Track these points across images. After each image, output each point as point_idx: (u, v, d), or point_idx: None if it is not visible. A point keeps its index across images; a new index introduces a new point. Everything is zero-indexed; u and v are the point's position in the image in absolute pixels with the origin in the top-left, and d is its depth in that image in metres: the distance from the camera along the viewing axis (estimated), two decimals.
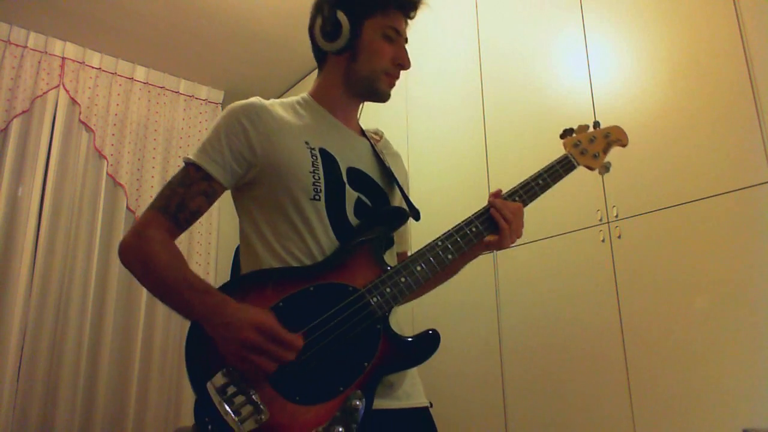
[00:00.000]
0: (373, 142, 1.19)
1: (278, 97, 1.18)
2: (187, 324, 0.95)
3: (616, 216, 1.82)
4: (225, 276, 1.81)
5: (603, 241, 1.85)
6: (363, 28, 1.10)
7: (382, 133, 1.27)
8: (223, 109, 4.24)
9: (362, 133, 1.21)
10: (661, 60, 1.79)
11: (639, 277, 1.73)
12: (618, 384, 1.71)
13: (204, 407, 0.86)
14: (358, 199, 1.07)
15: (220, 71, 3.74)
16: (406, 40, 1.15)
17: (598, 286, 1.83)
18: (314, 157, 1.04)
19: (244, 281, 1.00)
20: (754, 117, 1.53)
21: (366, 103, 1.20)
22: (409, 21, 1.17)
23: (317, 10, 1.15)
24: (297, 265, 1.00)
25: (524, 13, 2.30)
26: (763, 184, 1.49)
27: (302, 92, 1.20)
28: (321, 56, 1.19)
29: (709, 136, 1.63)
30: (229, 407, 0.85)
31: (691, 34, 1.72)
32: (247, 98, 1.09)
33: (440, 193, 2.46)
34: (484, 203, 1.11)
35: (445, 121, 2.56)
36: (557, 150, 2.21)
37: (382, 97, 1.14)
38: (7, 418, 2.75)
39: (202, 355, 0.90)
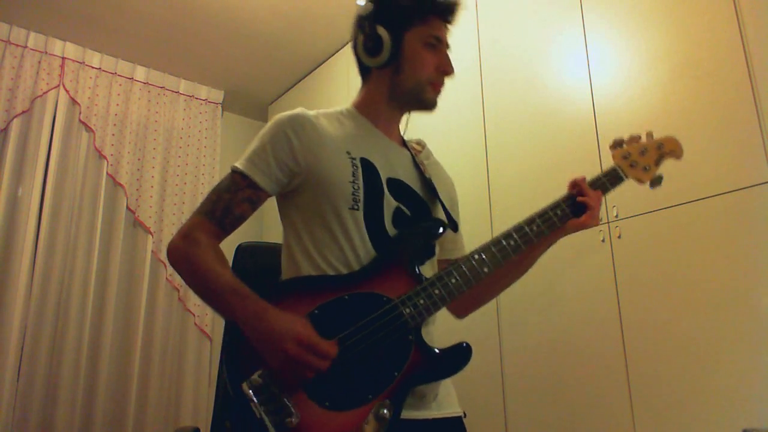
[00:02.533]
0: (415, 153, 1.21)
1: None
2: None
3: (616, 216, 1.82)
4: None
5: (603, 241, 1.85)
6: (404, 40, 1.11)
7: (425, 143, 1.28)
8: (223, 110, 4.22)
9: (404, 143, 1.23)
10: (661, 60, 1.79)
11: (639, 277, 1.73)
12: (618, 384, 1.71)
13: (238, 407, 0.89)
14: (398, 209, 1.09)
15: (220, 71, 3.74)
16: (448, 46, 1.17)
17: (598, 286, 1.83)
18: (355, 167, 1.07)
19: (283, 287, 1.03)
20: (754, 117, 1.53)
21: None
22: (449, 27, 1.18)
23: (358, 27, 1.16)
24: (333, 274, 1.02)
25: (524, 13, 2.30)
26: (763, 184, 1.49)
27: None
28: (364, 70, 1.20)
29: (709, 136, 1.63)
30: (264, 408, 0.88)
31: (691, 34, 1.73)
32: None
33: None
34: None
35: (445, 122, 2.56)
36: (557, 150, 2.21)
37: (430, 106, 1.16)
38: (7, 418, 2.74)
39: (240, 356, 0.93)
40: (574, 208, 1.08)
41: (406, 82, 1.12)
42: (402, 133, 1.25)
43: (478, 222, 2.23)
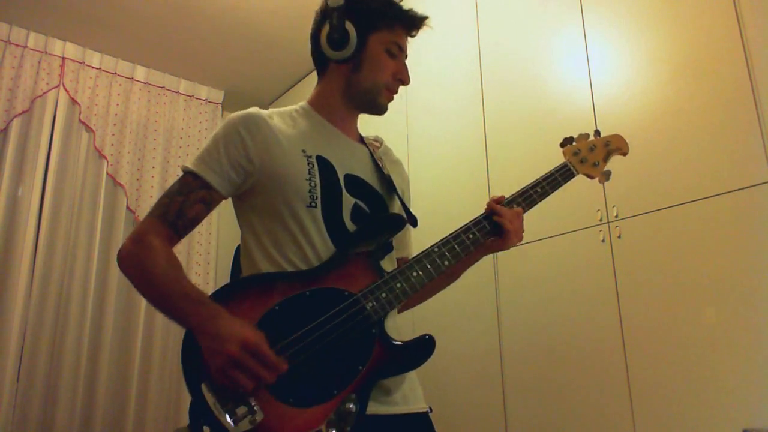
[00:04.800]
0: (373, 149, 1.20)
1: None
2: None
3: (616, 216, 1.82)
4: (225, 278, 1.81)
5: (603, 241, 1.85)
6: (368, 41, 1.12)
7: (383, 140, 1.28)
8: (223, 110, 4.23)
9: (361, 140, 1.22)
10: (661, 60, 1.79)
11: (639, 277, 1.73)
12: (618, 384, 1.71)
13: (199, 408, 0.87)
14: (356, 205, 1.08)
15: (220, 71, 3.74)
16: (406, 56, 1.17)
17: (598, 286, 1.83)
18: (311, 165, 1.06)
19: (242, 284, 1.02)
20: (754, 117, 1.53)
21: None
22: (410, 39, 1.18)
23: (324, 17, 1.16)
24: (293, 270, 1.01)
25: (524, 13, 2.30)
26: (763, 184, 1.49)
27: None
28: (322, 63, 1.19)
29: (709, 136, 1.63)
30: (224, 408, 0.86)
31: (691, 34, 1.73)
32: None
33: (440, 193, 2.46)
34: (485, 204, 1.12)
35: (445, 122, 2.56)
36: (557, 150, 2.21)
37: (380, 110, 1.16)
38: (7, 418, 2.74)
39: (198, 357, 0.90)
40: (493, 227, 1.11)
41: (363, 82, 1.13)
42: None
43: None
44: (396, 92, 1.16)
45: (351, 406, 0.89)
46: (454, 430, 2.15)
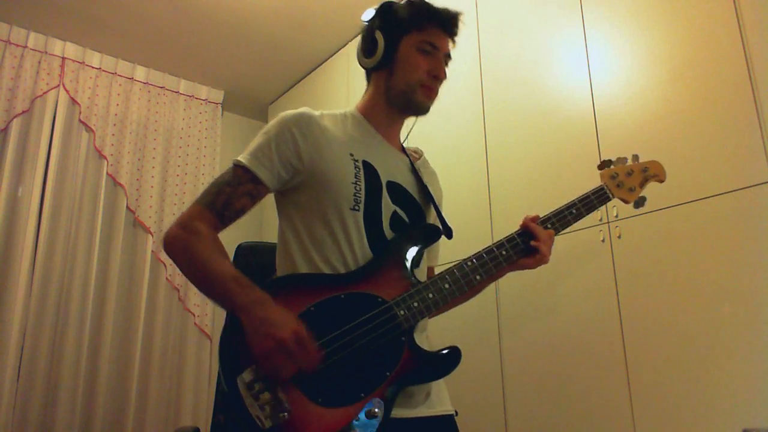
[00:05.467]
0: (413, 160, 1.23)
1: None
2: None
3: (616, 216, 1.82)
4: None
5: (603, 241, 1.85)
6: (399, 45, 1.15)
7: (422, 152, 1.31)
8: (223, 110, 4.23)
9: (403, 150, 1.25)
10: (661, 60, 1.79)
11: (639, 277, 1.73)
12: (618, 384, 1.71)
13: (232, 400, 0.90)
14: (395, 213, 1.11)
15: (220, 71, 3.74)
16: (448, 56, 1.20)
17: (598, 286, 1.83)
18: (357, 169, 1.08)
19: (280, 283, 1.04)
20: (754, 117, 1.53)
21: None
22: (453, 39, 1.21)
23: (362, 35, 1.22)
24: (330, 272, 1.03)
25: (524, 14, 2.30)
26: (763, 184, 1.49)
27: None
28: (366, 74, 1.24)
29: (709, 136, 1.63)
30: (256, 402, 0.89)
31: (691, 34, 1.73)
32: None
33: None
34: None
35: (445, 122, 2.56)
36: (557, 150, 2.22)
37: (421, 108, 1.17)
38: (7, 418, 2.74)
39: (235, 351, 0.93)
40: (527, 247, 1.13)
41: (398, 84, 1.15)
42: (402, 141, 1.28)
43: (478, 222, 2.23)
44: (434, 89, 1.17)
45: (376, 410, 0.92)
46: None
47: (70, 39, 3.34)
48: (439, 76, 1.17)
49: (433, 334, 1.17)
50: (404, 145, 1.28)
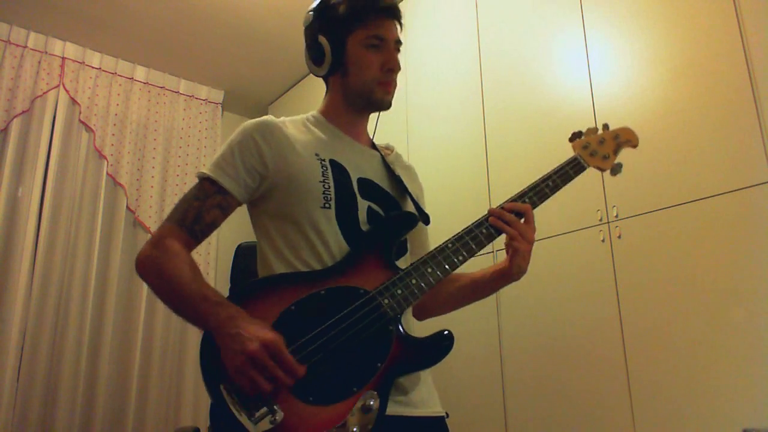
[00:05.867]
0: (384, 155, 1.22)
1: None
2: (187, 327, 0.96)
3: (616, 216, 1.82)
4: (225, 278, 1.81)
5: (603, 241, 1.85)
6: (347, 45, 1.12)
7: (394, 147, 1.29)
8: (223, 110, 4.22)
9: (373, 146, 1.24)
10: (661, 60, 1.79)
11: (639, 277, 1.73)
12: (618, 384, 1.71)
13: (219, 409, 0.88)
14: (369, 208, 1.09)
15: (220, 71, 3.74)
16: (398, 43, 1.15)
17: (598, 286, 1.83)
18: (324, 168, 1.07)
19: (257, 285, 1.02)
20: (754, 117, 1.53)
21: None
22: (400, 23, 1.17)
23: (305, 36, 1.18)
24: (308, 270, 1.02)
25: (524, 14, 2.30)
26: (763, 184, 1.49)
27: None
28: (324, 80, 1.22)
29: (709, 136, 1.63)
30: (243, 408, 0.86)
31: (691, 34, 1.73)
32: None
33: (440, 193, 2.46)
34: (485, 204, 1.12)
35: (445, 122, 2.56)
36: (557, 150, 2.21)
37: (381, 105, 1.16)
38: (7, 418, 2.74)
39: (217, 358, 0.91)
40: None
41: (354, 85, 1.13)
42: (372, 136, 1.28)
43: None
44: (391, 83, 1.14)
45: (372, 402, 0.90)
46: (453, 428, 2.15)
47: (70, 39, 3.34)
48: (393, 69, 1.13)
49: (432, 331, 1.16)
50: (376, 142, 1.26)
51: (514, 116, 2.25)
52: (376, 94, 1.13)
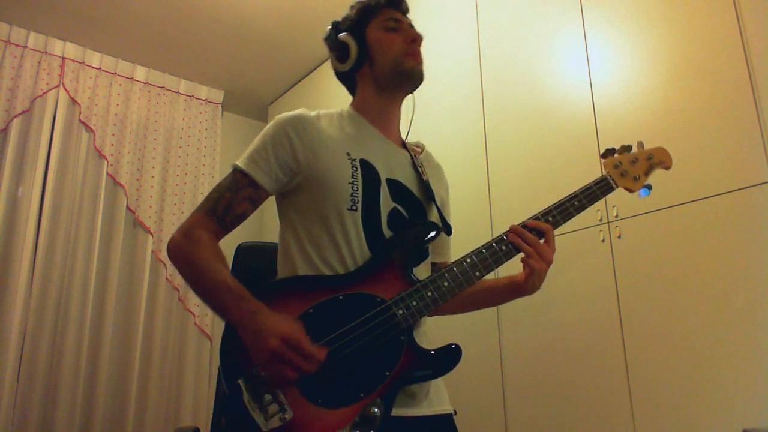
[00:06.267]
0: (414, 155, 1.22)
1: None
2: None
3: (616, 216, 1.82)
4: None
5: (603, 241, 1.85)
6: (366, 37, 1.17)
7: (424, 145, 1.30)
8: (223, 110, 4.22)
9: (403, 145, 1.24)
10: (661, 60, 1.79)
11: (639, 277, 1.73)
12: (618, 384, 1.71)
13: (232, 403, 0.91)
14: (395, 210, 1.11)
15: (220, 71, 3.74)
16: (410, 24, 1.21)
17: (598, 286, 1.83)
18: (354, 168, 1.09)
19: (278, 286, 1.05)
20: (754, 117, 1.53)
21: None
22: (405, 15, 1.22)
23: (328, 47, 1.23)
24: (329, 274, 1.04)
25: (524, 13, 2.30)
26: (763, 184, 1.49)
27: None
28: (350, 82, 1.24)
29: (709, 136, 1.63)
30: (257, 404, 0.90)
31: (691, 34, 1.73)
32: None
33: None
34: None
35: (445, 122, 2.56)
36: (557, 150, 2.22)
37: (413, 74, 1.17)
38: (7, 418, 2.74)
39: (236, 353, 0.94)
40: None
41: (384, 66, 1.16)
42: (405, 137, 1.28)
43: (478, 222, 2.23)
44: (417, 51, 1.18)
45: (376, 410, 0.92)
46: None
47: (70, 39, 3.34)
48: (416, 39, 1.17)
49: (433, 334, 1.17)
50: (406, 140, 1.27)
51: (514, 116, 2.25)
52: (406, 64, 1.15)
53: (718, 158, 1.60)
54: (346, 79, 1.24)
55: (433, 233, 1.10)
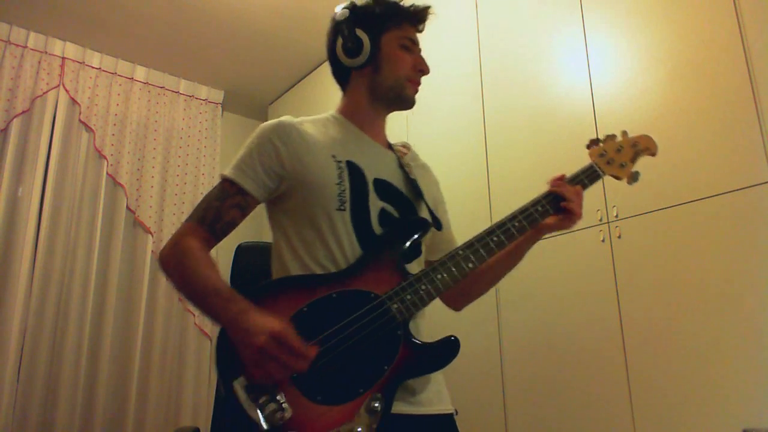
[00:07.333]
0: (400, 155, 1.24)
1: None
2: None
3: (616, 216, 1.82)
4: (224, 276, 1.81)
5: (603, 241, 1.85)
6: (381, 42, 1.17)
7: (410, 146, 1.32)
8: (223, 110, 4.23)
9: (389, 146, 1.26)
10: (661, 60, 1.79)
11: (639, 277, 1.73)
12: (618, 384, 1.71)
13: (230, 404, 0.91)
14: (384, 209, 1.12)
15: (220, 71, 3.74)
16: (420, 50, 1.22)
17: (598, 286, 1.83)
18: (340, 170, 1.10)
19: (271, 286, 1.05)
20: (754, 117, 1.53)
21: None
22: (419, 33, 1.23)
23: (335, 31, 1.21)
24: (321, 272, 1.05)
25: (524, 14, 2.30)
26: (763, 184, 1.49)
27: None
28: (344, 75, 1.24)
29: (709, 136, 1.63)
30: (254, 404, 0.90)
31: (691, 34, 1.73)
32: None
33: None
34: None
35: (445, 122, 2.56)
36: (557, 150, 2.21)
37: (408, 102, 1.20)
38: (7, 418, 2.74)
39: (231, 355, 0.94)
40: (555, 205, 1.13)
41: (387, 80, 1.17)
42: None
43: (478, 222, 2.23)
44: (419, 83, 1.20)
45: (376, 404, 0.92)
46: None
47: (70, 39, 3.34)
48: (424, 71, 1.20)
49: (434, 332, 1.17)
50: (391, 141, 1.28)
51: (514, 116, 2.25)
52: (407, 91, 1.18)
53: (718, 158, 1.60)
54: (342, 70, 1.23)
55: (424, 227, 1.12)
